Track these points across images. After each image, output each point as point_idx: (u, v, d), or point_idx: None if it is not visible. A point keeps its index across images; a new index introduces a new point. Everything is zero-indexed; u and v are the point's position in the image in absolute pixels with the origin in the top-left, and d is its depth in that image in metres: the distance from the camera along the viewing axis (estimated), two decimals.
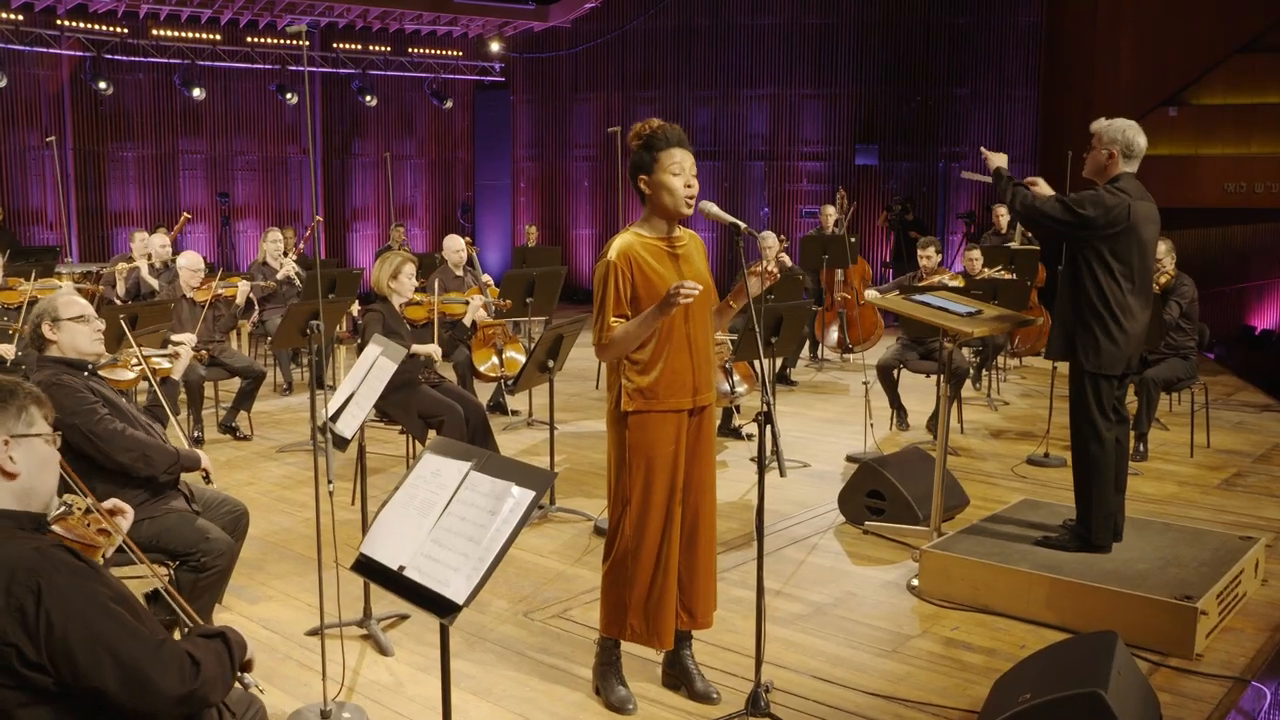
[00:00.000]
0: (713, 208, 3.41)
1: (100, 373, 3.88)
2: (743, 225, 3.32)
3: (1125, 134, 4.50)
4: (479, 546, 2.57)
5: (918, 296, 5.17)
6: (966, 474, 6.44)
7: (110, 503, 2.80)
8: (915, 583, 4.69)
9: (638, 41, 16.19)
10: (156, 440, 3.78)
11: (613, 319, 3.41)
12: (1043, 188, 4.67)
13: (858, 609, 4.51)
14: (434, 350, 5.99)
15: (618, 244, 3.46)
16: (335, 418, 4.11)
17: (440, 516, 2.71)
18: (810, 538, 5.43)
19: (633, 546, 3.51)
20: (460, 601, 2.50)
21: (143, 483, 3.73)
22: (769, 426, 3.23)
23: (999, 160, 4.81)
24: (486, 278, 8.58)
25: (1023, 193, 4.61)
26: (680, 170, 3.42)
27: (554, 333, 5.58)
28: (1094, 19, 14.67)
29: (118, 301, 8.61)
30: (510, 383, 7.85)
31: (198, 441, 7.30)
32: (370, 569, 2.77)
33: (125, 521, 2.79)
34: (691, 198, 3.44)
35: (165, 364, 4.55)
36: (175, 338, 4.66)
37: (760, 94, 15.87)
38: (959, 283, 7.81)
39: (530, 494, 2.59)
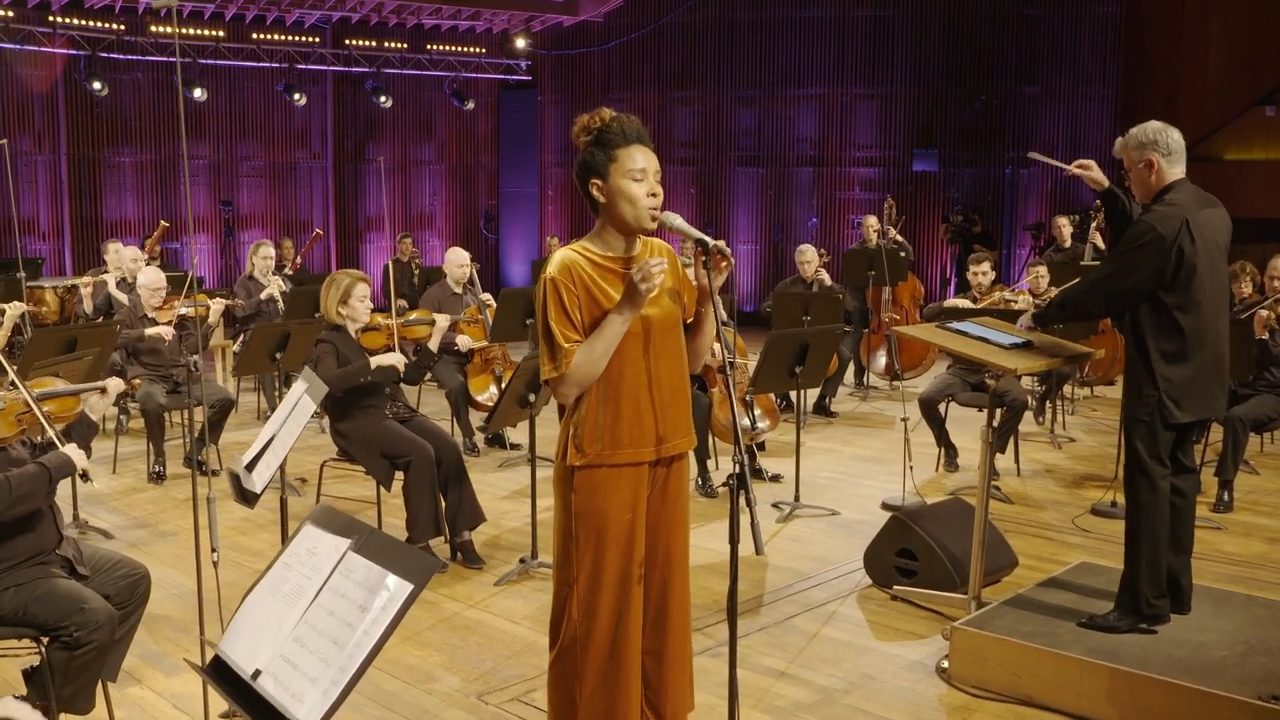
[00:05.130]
0: (676, 220, 2.98)
1: None
2: (710, 240, 2.89)
3: (1151, 134, 4.04)
4: (342, 653, 2.16)
5: (954, 325, 4.68)
6: (1019, 526, 5.92)
7: None
8: (945, 665, 4.20)
9: (675, 37, 15.84)
10: (19, 471, 3.36)
11: (567, 342, 2.95)
12: (1095, 171, 4.25)
13: (874, 697, 4.03)
14: (397, 359, 5.53)
15: (558, 258, 3.03)
16: (251, 466, 3.74)
17: (308, 608, 2.32)
18: (828, 603, 4.94)
19: (581, 633, 3.07)
20: None
21: (16, 544, 3.37)
22: (743, 492, 2.80)
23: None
24: (487, 297, 8.21)
25: (1074, 302, 4.32)
26: (643, 175, 2.99)
27: (534, 363, 5.16)
28: (1180, 8, 14.08)
29: (88, 319, 8.41)
30: (485, 419, 7.44)
31: (159, 477, 6.99)
32: (223, 673, 2.38)
33: None
34: (655, 209, 3.01)
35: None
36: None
37: (808, 94, 15.47)
38: (1026, 298, 7.28)
39: (408, 587, 2.19)
